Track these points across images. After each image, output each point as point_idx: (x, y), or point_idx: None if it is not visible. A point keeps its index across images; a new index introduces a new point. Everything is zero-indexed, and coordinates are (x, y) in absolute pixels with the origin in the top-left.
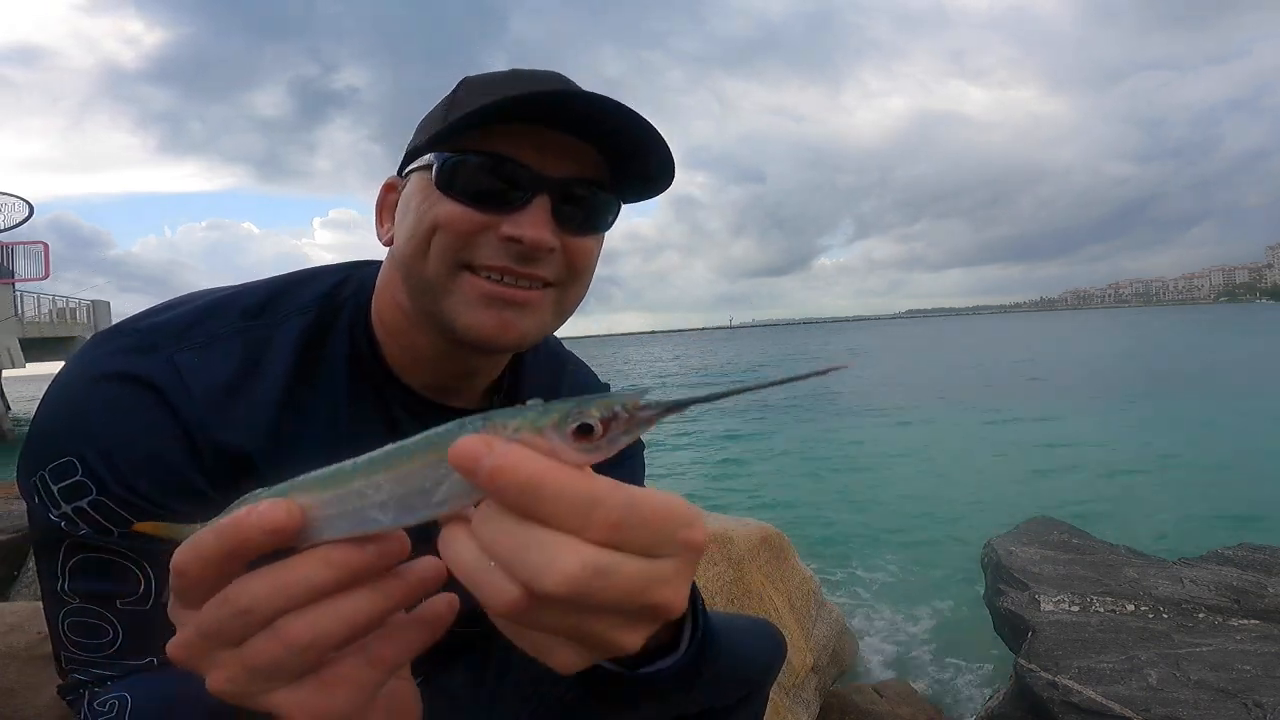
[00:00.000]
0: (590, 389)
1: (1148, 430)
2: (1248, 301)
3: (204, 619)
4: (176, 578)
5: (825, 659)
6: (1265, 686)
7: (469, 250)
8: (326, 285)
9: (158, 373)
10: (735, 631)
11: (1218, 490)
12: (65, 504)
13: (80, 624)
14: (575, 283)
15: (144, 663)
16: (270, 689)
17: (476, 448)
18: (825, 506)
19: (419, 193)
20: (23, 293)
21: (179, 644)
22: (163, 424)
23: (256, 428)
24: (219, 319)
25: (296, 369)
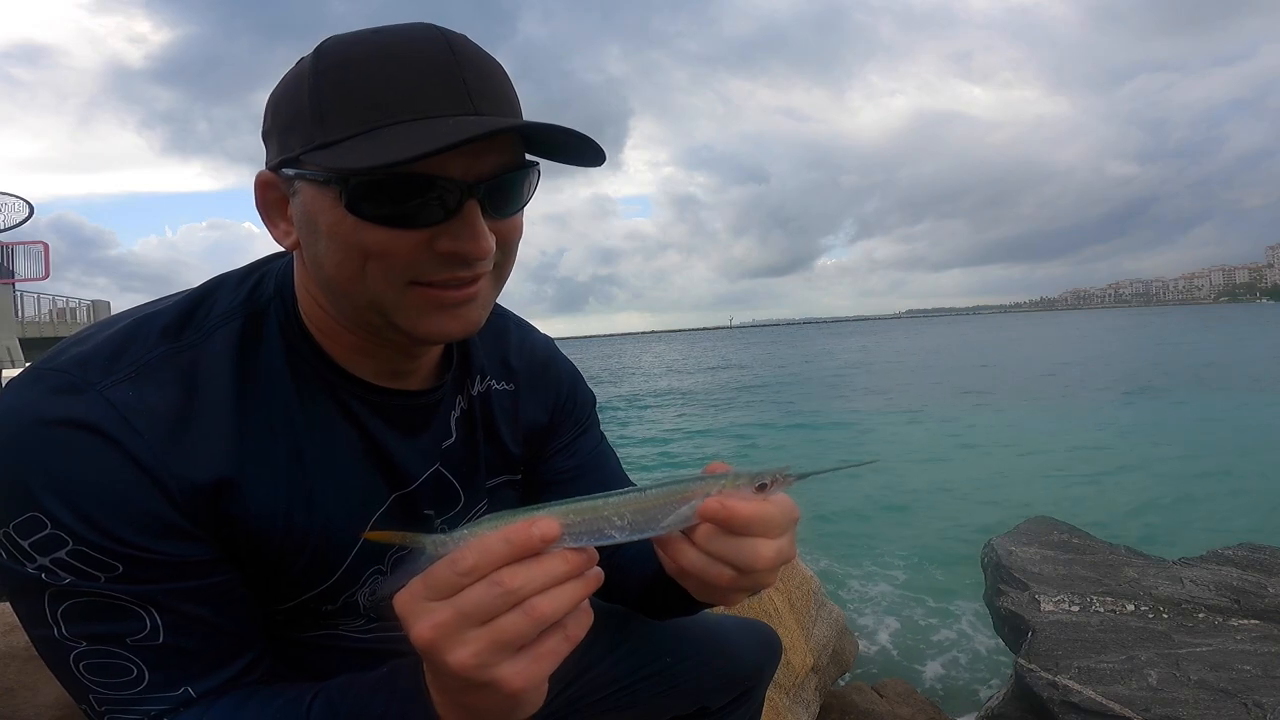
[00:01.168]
0: (534, 349)
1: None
2: (1248, 301)
3: (467, 600)
4: (453, 573)
5: (825, 659)
6: (1265, 686)
7: (411, 269)
8: (243, 291)
9: (96, 414)
10: (728, 632)
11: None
12: (41, 557)
13: (97, 665)
14: (509, 256)
15: (179, 693)
16: (502, 661)
17: (715, 504)
18: (826, 506)
19: (324, 213)
20: (23, 293)
21: (433, 625)
22: (117, 466)
23: (219, 455)
24: (140, 344)
25: (238, 384)
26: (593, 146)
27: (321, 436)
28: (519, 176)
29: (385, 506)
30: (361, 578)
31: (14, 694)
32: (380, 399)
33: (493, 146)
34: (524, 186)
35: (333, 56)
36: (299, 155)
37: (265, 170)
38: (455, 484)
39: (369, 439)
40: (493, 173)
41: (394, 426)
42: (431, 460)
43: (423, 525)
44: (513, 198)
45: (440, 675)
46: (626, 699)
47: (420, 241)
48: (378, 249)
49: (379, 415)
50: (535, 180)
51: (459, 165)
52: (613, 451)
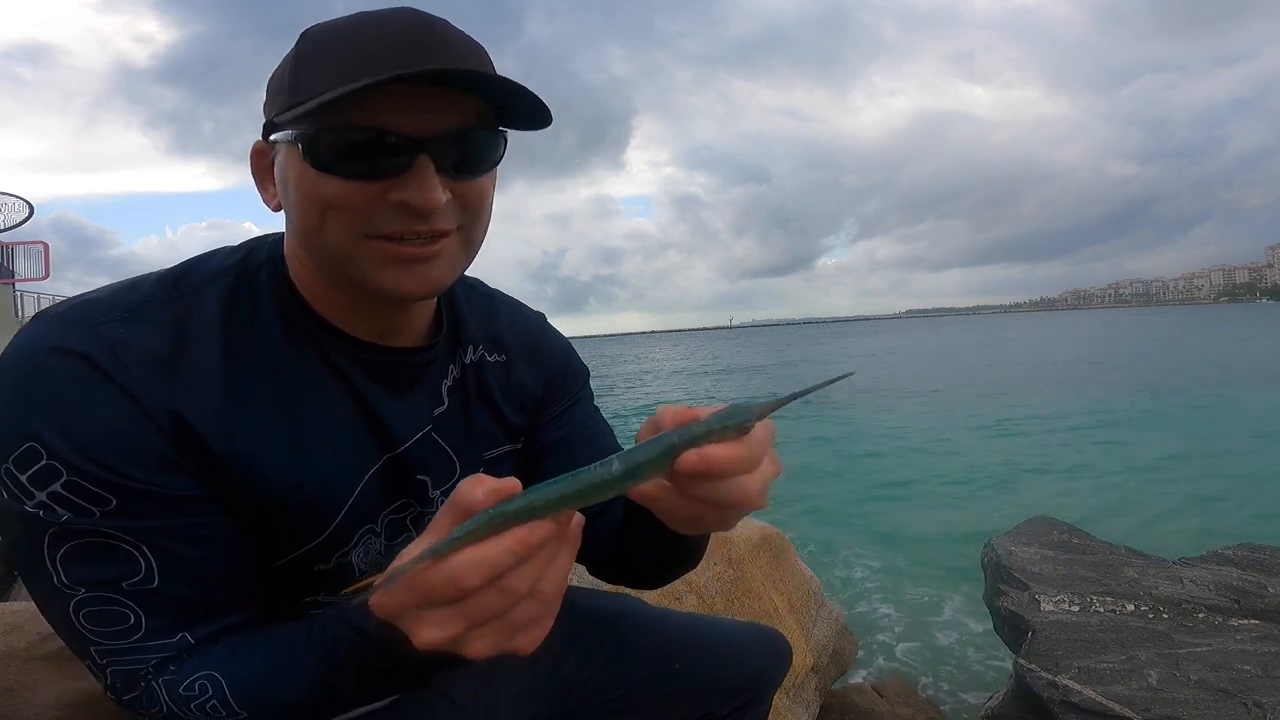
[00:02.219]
0: (526, 324)
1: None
2: (1248, 301)
3: (479, 609)
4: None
5: (825, 659)
6: (1265, 686)
7: (367, 221)
8: (238, 254)
9: (88, 345)
10: (735, 638)
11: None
12: (39, 492)
13: (96, 614)
14: (476, 221)
15: (177, 639)
16: (520, 637)
17: (694, 457)
18: (826, 504)
19: (293, 168)
20: (23, 293)
21: (446, 636)
22: (107, 394)
23: (206, 397)
24: (137, 291)
25: (228, 334)
26: (541, 106)
27: (312, 391)
28: (477, 137)
29: (378, 466)
30: (354, 538)
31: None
32: (368, 355)
33: (452, 105)
34: (484, 149)
35: (311, 34)
36: (273, 119)
37: (258, 139)
38: (450, 453)
39: (357, 396)
40: (448, 130)
41: (380, 383)
42: (422, 423)
43: (417, 491)
44: (470, 158)
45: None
46: (632, 704)
47: (375, 194)
48: (334, 200)
49: (366, 372)
50: (499, 146)
51: (413, 121)
52: (606, 425)
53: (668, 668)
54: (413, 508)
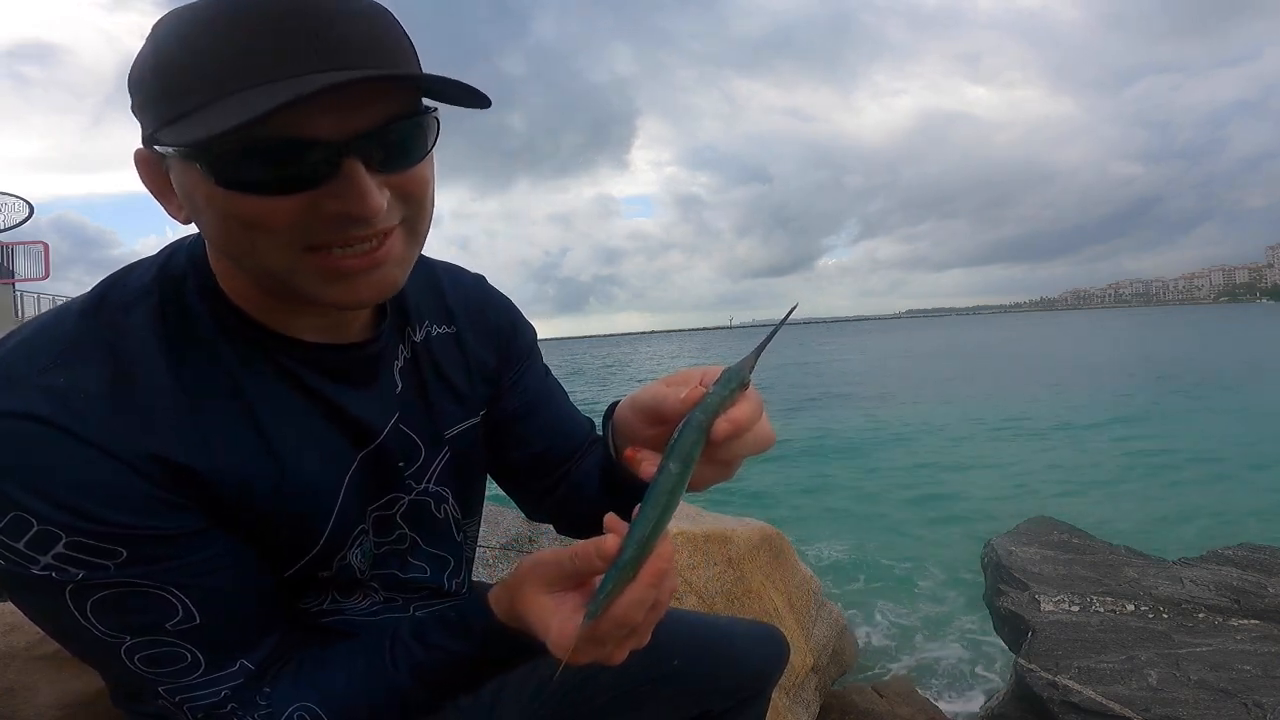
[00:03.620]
0: (468, 290)
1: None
2: (1248, 301)
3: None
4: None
5: (825, 659)
6: (1265, 686)
7: (301, 234)
8: (154, 268)
9: (33, 403)
10: (735, 636)
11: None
12: (42, 556)
13: (150, 657)
14: (420, 210)
15: (238, 668)
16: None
17: (726, 425)
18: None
19: (198, 187)
20: (23, 293)
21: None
22: (72, 450)
23: (170, 425)
24: (57, 330)
25: (170, 355)
26: (468, 89)
27: (270, 398)
28: (405, 127)
29: (356, 463)
30: (349, 540)
31: (14, 694)
32: (319, 355)
33: (370, 98)
34: (415, 137)
35: (168, 28)
36: (153, 134)
37: (141, 148)
38: (412, 436)
39: (317, 396)
40: (371, 126)
41: (340, 381)
42: (390, 411)
43: (398, 481)
44: (402, 150)
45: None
46: (632, 702)
47: (303, 205)
48: (256, 219)
49: (321, 372)
50: (431, 130)
51: (328, 123)
52: (559, 384)
53: (667, 666)
54: (399, 500)
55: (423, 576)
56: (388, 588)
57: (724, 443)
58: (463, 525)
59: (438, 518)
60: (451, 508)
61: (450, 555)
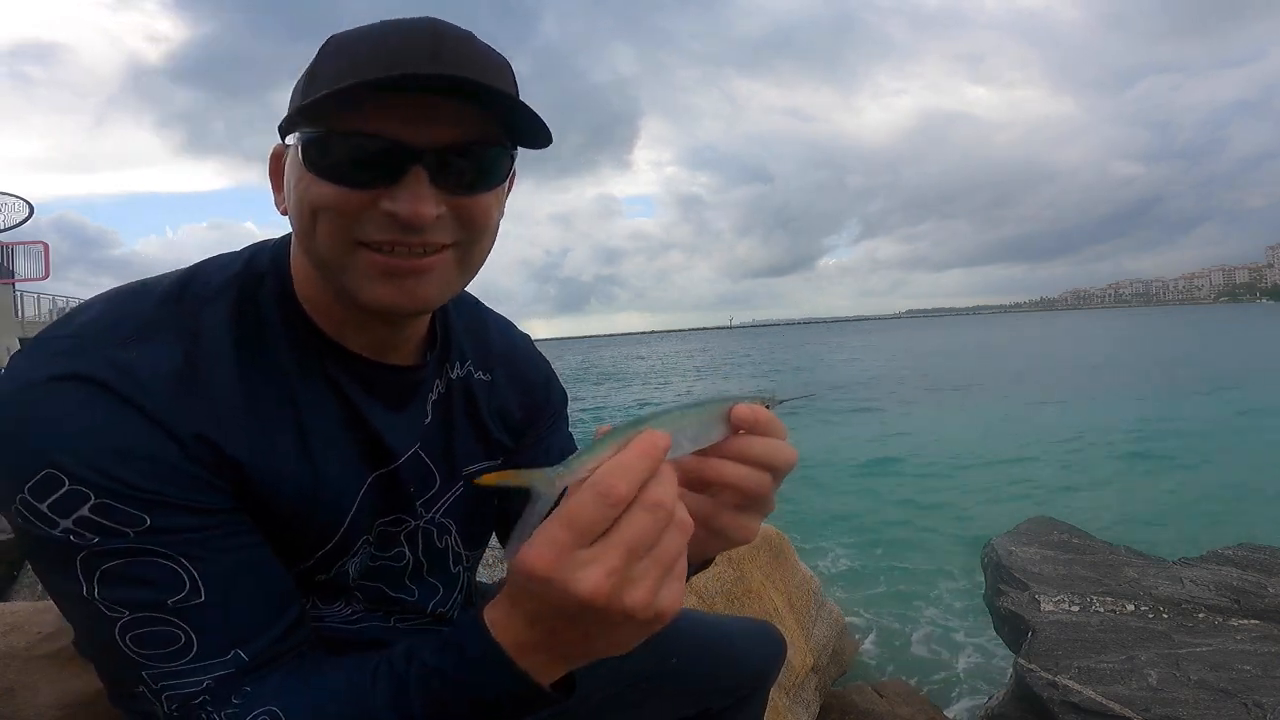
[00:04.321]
0: (513, 344)
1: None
2: (1248, 301)
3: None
4: (607, 505)
5: (825, 659)
6: (1265, 686)
7: (356, 227)
8: (239, 263)
9: (100, 370)
10: (733, 635)
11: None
12: (63, 519)
13: (144, 636)
14: (476, 240)
15: (230, 657)
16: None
17: (746, 409)
18: (826, 504)
19: (293, 170)
20: (23, 293)
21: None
22: (127, 419)
23: (227, 415)
24: (140, 310)
25: (238, 349)
26: (539, 124)
27: (315, 402)
28: (480, 152)
29: (372, 479)
30: (354, 546)
31: (14, 694)
32: (367, 372)
33: (456, 117)
34: (486, 164)
35: (331, 39)
36: (282, 122)
37: (277, 144)
38: (430, 466)
39: (353, 409)
40: (450, 142)
41: (378, 400)
42: (414, 438)
43: (408, 504)
44: (470, 173)
45: (575, 620)
46: (631, 700)
47: (364, 202)
48: (323, 203)
49: (364, 388)
50: (504, 165)
51: (412, 131)
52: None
53: (665, 664)
54: (405, 522)
55: (409, 599)
56: (371, 600)
57: (749, 425)
58: (462, 558)
59: (438, 547)
60: (454, 540)
61: (441, 585)
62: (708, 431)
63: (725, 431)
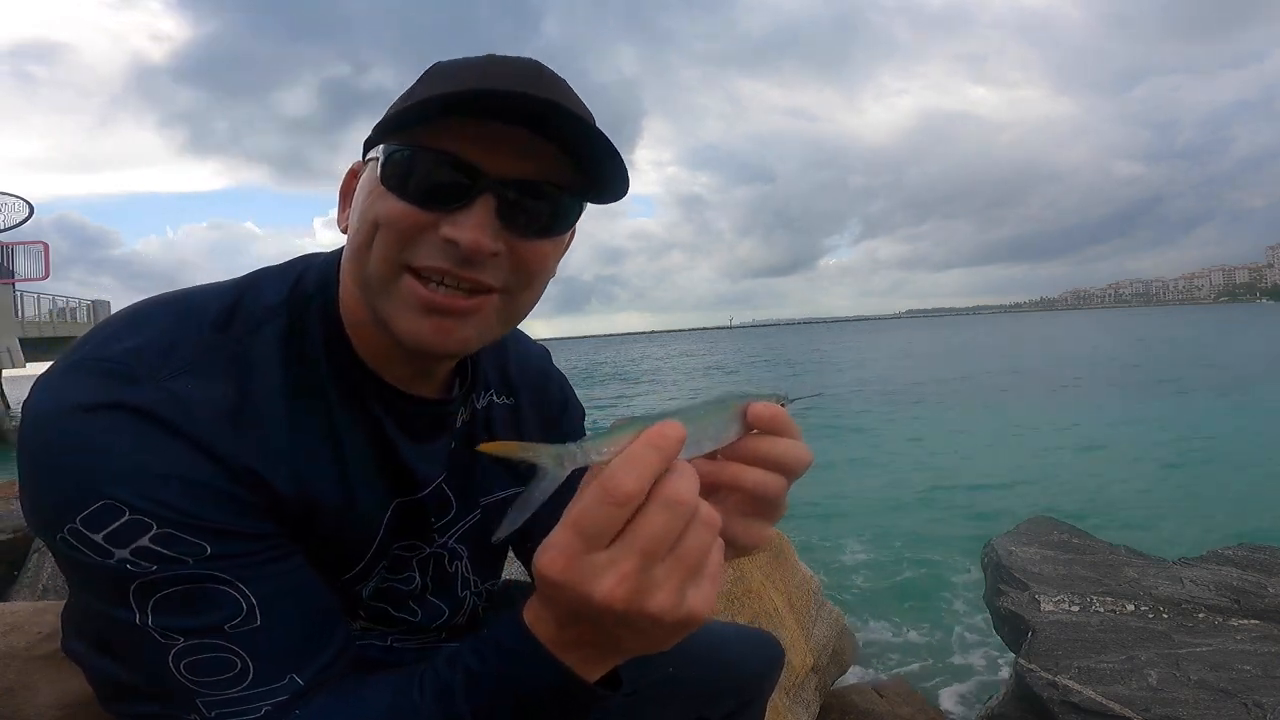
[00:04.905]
0: (531, 361)
1: None
2: (1248, 301)
3: (648, 533)
4: (615, 505)
5: (825, 659)
6: (1265, 686)
7: (409, 250)
8: (286, 284)
9: (159, 404)
10: (730, 642)
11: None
12: (120, 549)
13: (199, 663)
14: (525, 288)
15: (286, 682)
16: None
17: (764, 408)
18: (826, 504)
19: (366, 185)
20: (23, 293)
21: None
22: (186, 451)
23: (276, 446)
24: (191, 337)
25: (287, 380)
26: (622, 171)
27: (355, 436)
28: (550, 193)
29: (394, 506)
30: (373, 572)
31: (14, 694)
32: (401, 404)
33: (535, 154)
34: (553, 208)
35: (439, 65)
36: (367, 139)
37: (357, 160)
38: (450, 495)
39: (387, 442)
40: (523, 177)
41: (408, 432)
42: (440, 469)
43: (424, 531)
44: (536, 215)
45: (601, 623)
46: (627, 709)
47: (424, 222)
48: (385, 217)
49: (397, 420)
50: (573, 213)
51: (488, 157)
52: None
53: (662, 671)
54: (419, 548)
55: (412, 619)
56: (374, 619)
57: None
58: (470, 583)
59: (447, 571)
60: (464, 566)
61: (447, 607)
62: (723, 431)
63: (740, 431)
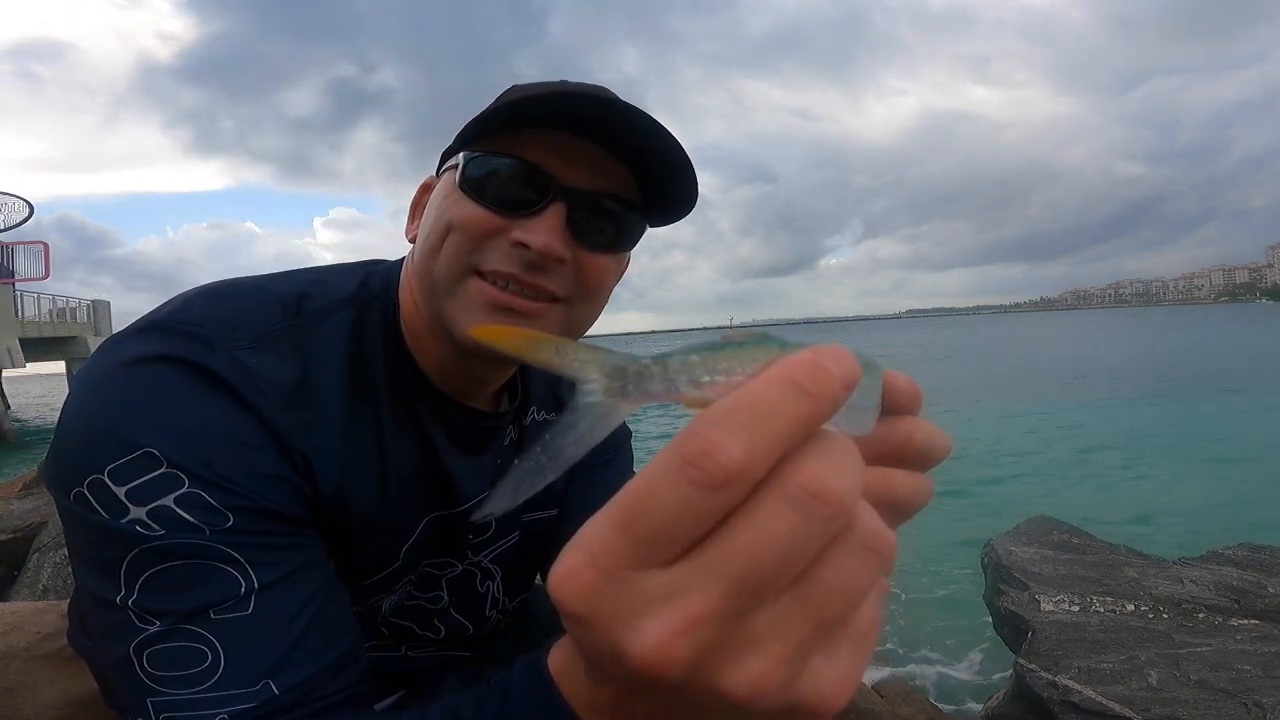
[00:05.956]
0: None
1: None
2: (1248, 301)
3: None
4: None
5: None
6: (1265, 686)
7: (479, 253)
8: (353, 282)
9: (226, 369)
10: None
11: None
12: (138, 506)
13: (165, 653)
14: (586, 301)
15: (259, 688)
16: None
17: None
18: None
19: (443, 191)
20: (23, 293)
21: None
22: (243, 418)
23: (328, 436)
24: (262, 315)
25: (348, 371)
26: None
27: (401, 440)
28: (617, 209)
29: (430, 519)
30: (396, 584)
31: (14, 694)
32: (450, 414)
33: (607, 170)
34: (619, 223)
35: (517, 85)
36: (446, 150)
37: (430, 175)
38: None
39: (429, 446)
40: (594, 189)
41: (456, 443)
42: (484, 485)
43: (460, 549)
44: (603, 227)
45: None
46: None
47: (496, 226)
48: (460, 219)
49: (444, 429)
50: (636, 231)
51: (564, 167)
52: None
53: None
54: (452, 566)
55: (434, 636)
56: (395, 635)
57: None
58: (499, 603)
59: (478, 591)
60: (496, 587)
61: (471, 624)
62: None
63: (878, 412)
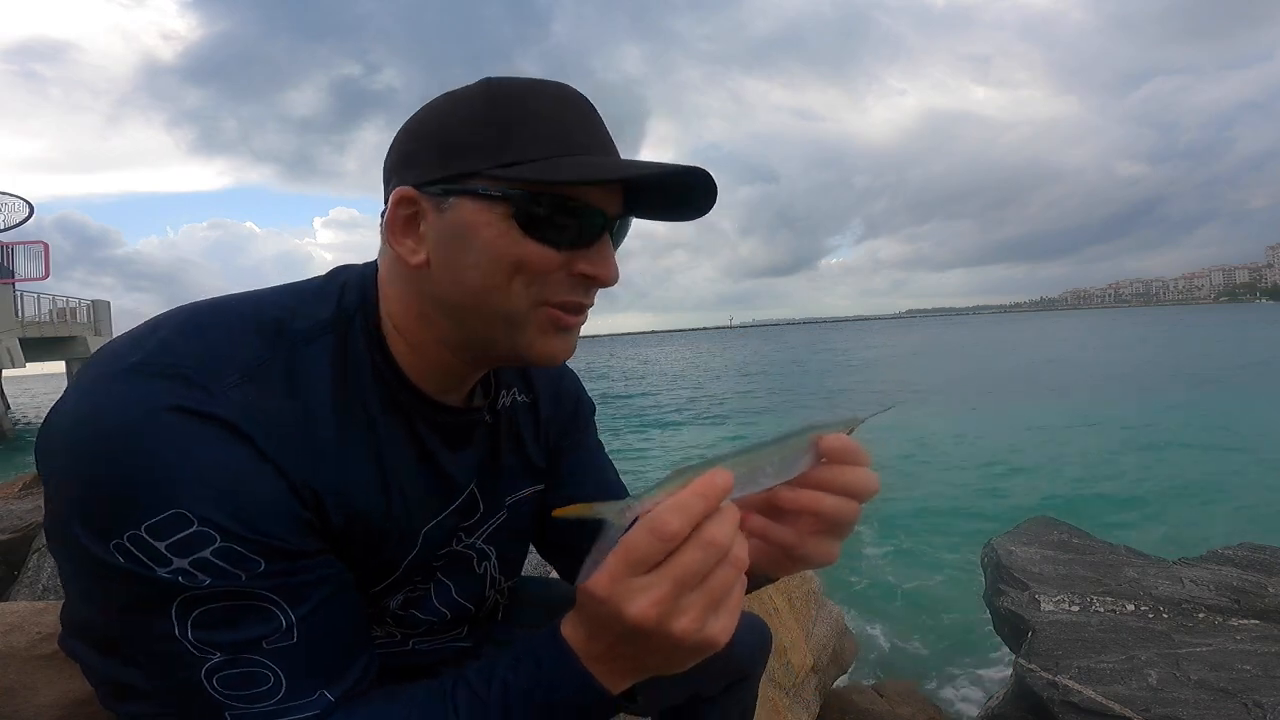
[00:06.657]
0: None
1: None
2: (1248, 301)
3: (682, 567)
4: (659, 540)
5: (825, 659)
6: (1265, 686)
7: (548, 287)
8: (331, 300)
9: (231, 412)
10: None
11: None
12: (179, 559)
13: (233, 677)
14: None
15: (316, 697)
16: (710, 618)
17: (836, 439)
18: None
19: (490, 227)
20: (23, 293)
21: (654, 601)
22: (254, 462)
23: (329, 465)
24: (242, 345)
25: (336, 394)
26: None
27: (397, 448)
28: (628, 223)
29: (438, 519)
30: (404, 586)
31: (14, 694)
32: (435, 414)
33: (620, 192)
34: (625, 233)
35: (509, 93)
36: (479, 172)
37: (405, 187)
38: (478, 497)
39: (427, 453)
40: (620, 214)
41: (444, 441)
42: (471, 475)
43: (452, 534)
44: (621, 239)
45: (629, 639)
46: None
47: (562, 261)
48: (528, 262)
49: (433, 430)
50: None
51: (610, 201)
52: (610, 460)
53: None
54: (446, 552)
55: (435, 620)
56: (400, 624)
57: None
58: (498, 583)
59: (475, 573)
60: (492, 566)
61: (472, 605)
62: (794, 464)
63: (812, 461)
